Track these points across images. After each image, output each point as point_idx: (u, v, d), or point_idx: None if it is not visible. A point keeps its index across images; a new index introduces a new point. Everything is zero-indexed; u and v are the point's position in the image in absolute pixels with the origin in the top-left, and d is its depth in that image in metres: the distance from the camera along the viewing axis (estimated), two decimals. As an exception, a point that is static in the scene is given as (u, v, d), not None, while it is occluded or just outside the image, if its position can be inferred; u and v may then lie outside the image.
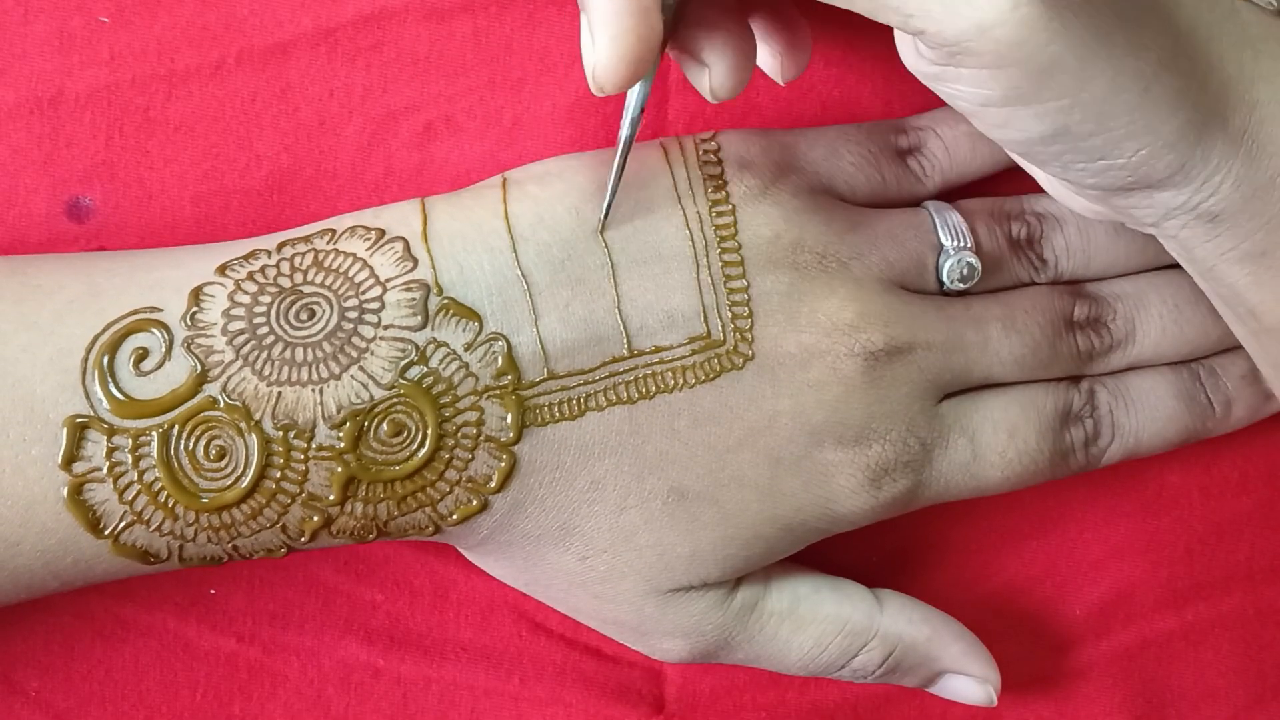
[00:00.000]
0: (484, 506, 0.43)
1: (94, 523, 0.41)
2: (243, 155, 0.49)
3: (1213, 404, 0.49)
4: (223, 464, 0.41)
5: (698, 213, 0.44)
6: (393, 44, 0.50)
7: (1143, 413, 0.48)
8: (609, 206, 0.43)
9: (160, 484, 0.40)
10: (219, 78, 0.49)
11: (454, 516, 0.43)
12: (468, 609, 0.51)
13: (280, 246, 0.43)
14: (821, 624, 0.47)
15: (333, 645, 0.50)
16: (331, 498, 0.41)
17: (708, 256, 0.43)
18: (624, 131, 0.42)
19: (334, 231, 0.43)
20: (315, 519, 0.42)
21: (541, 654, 0.51)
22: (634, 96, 0.41)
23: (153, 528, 0.41)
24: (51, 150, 0.48)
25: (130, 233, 0.49)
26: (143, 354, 0.41)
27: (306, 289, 0.42)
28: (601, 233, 0.43)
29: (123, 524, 0.41)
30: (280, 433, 0.41)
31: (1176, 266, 0.47)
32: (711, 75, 0.40)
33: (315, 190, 0.50)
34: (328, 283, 0.42)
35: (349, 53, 0.50)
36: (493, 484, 0.42)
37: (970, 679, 0.49)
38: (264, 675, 0.50)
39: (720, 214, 0.44)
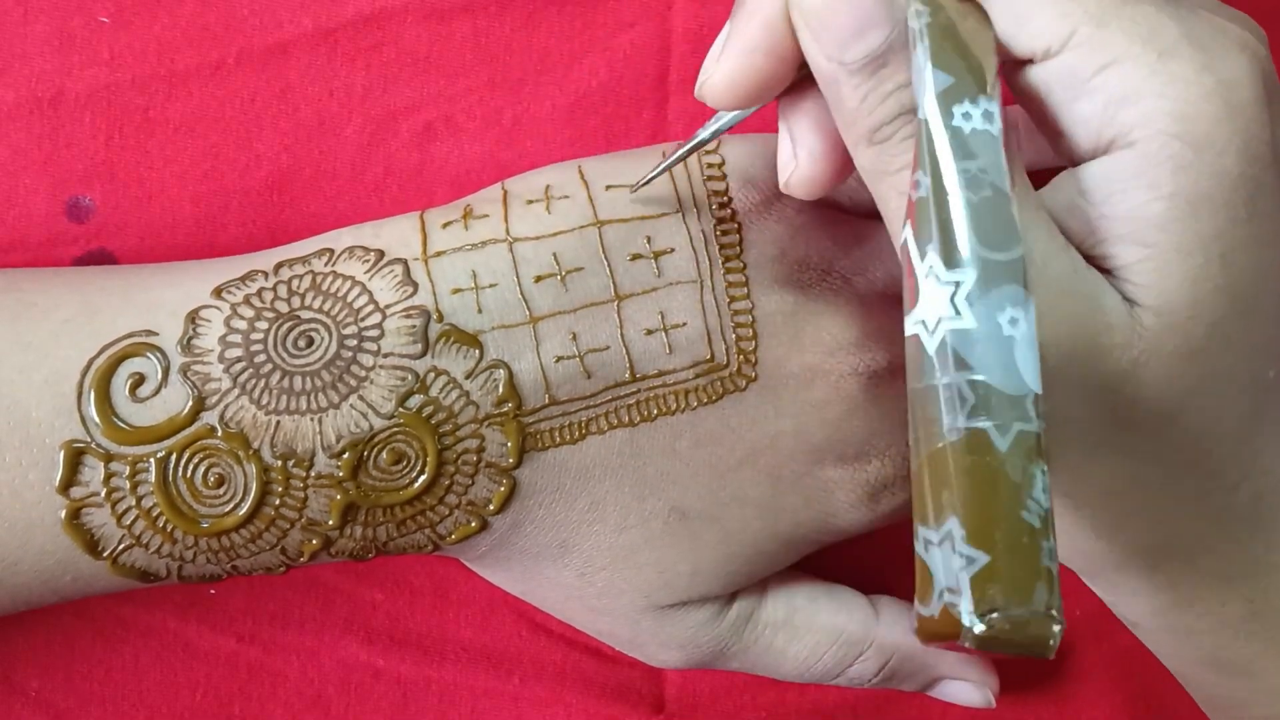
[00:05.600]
0: (483, 527, 0.43)
1: (92, 545, 0.40)
2: (243, 155, 0.49)
3: None
4: (221, 491, 0.40)
5: (702, 231, 0.43)
6: (393, 44, 0.50)
7: None
8: (648, 180, 0.43)
9: (158, 510, 0.40)
10: (219, 78, 0.49)
11: (452, 536, 0.43)
12: (468, 609, 0.51)
13: (277, 268, 0.42)
14: (817, 634, 0.46)
15: (333, 645, 0.50)
16: (330, 523, 0.41)
17: (712, 277, 0.43)
18: (700, 134, 0.42)
19: (332, 251, 0.43)
20: (314, 542, 0.42)
21: (541, 654, 0.51)
22: (727, 115, 0.41)
23: (151, 550, 0.41)
24: (51, 150, 0.48)
25: (130, 233, 0.49)
26: (139, 380, 0.40)
27: (304, 314, 0.41)
28: (632, 191, 0.43)
29: (121, 546, 0.41)
30: (279, 461, 0.40)
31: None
32: (798, 157, 0.38)
33: (315, 190, 0.50)
34: (326, 308, 0.41)
35: (349, 53, 0.50)
36: (492, 507, 0.42)
37: (968, 684, 0.49)
38: (264, 675, 0.50)
39: (725, 233, 0.43)
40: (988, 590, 0.28)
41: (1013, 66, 0.35)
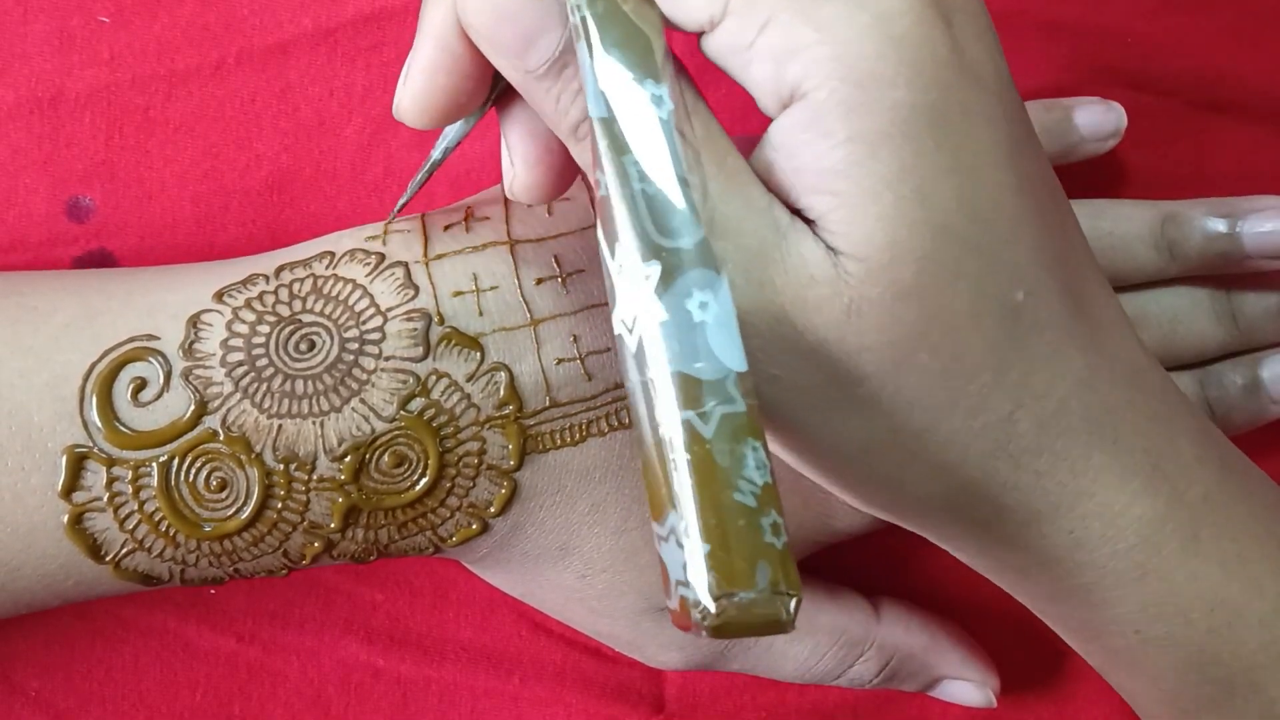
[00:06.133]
0: (484, 529, 0.43)
1: (95, 549, 0.40)
2: (243, 155, 0.49)
3: (1213, 411, 0.48)
4: (223, 495, 0.40)
5: None
6: (393, 44, 0.50)
7: None
8: (395, 213, 0.44)
9: (161, 514, 0.40)
10: (219, 78, 0.49)
11: (454, 539, 0.43)
12: (468, 609, 0.51)
13: (278, 271, 0.42)
14: (817, 634, 0.46)
15: (333, 645, 0.50)
16: (333, 526, 0.41)
17: None
18: (433, 155, 0.42)
19: (333, 254, 0.43)
20: (316, 544, 0.42)
21: (541, 654, 0.51)
22: (450, 132, 0.41)
23: (154, 554, 0.41)
24: (51, 150, 0.48)
25: (130, 233, 0.49)
26: (141, 384, 0.40)
27: (306, 318, 0.41)
28: (387, 224, 0.44)
29: (124, 551, 0.41)
30: (281, 465, 0.40)
31: (1172, 282, 0.47)
32: (514, 165, 0.38)
33: (315, 190, 0.50)
34: (327, 311, 0.41)
35: (349, 53, 0.50)
36: (493, 509, 0.42)
37: (969, 683, 0.49)
38: (264, 675, 0.50)
39: None
40: (710, 579, 0.28)
41: (694, 36, 0.34)
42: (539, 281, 0.42)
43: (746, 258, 0.33)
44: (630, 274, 0.30)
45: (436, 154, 0.41)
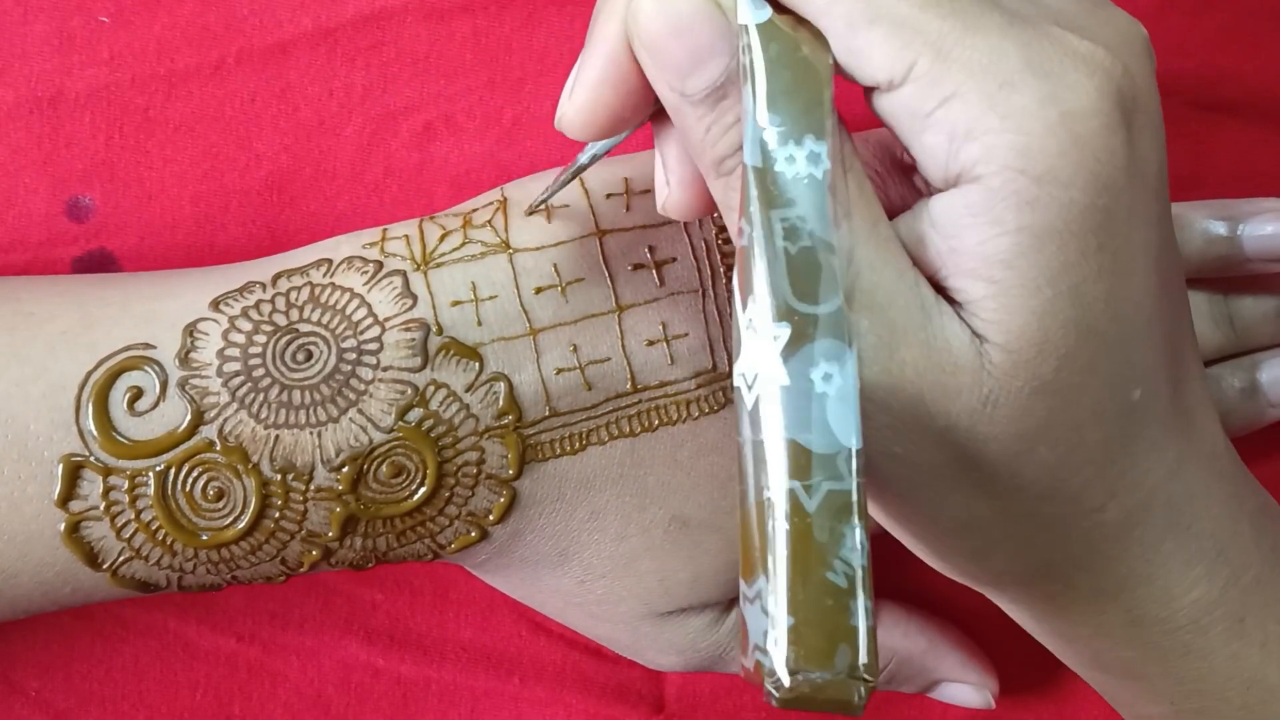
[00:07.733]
0: (483, 536, 0.43)
1: (92, 557, 0.40)
2: (243, 155, 0.49)
3: None
4: (221, 504, 0.40)
5: (704, 240, 0.43)
6: (393, 44, 0.50)
7: None
8: (539, 204, 0.43)
9: (158, 523, 0.40)
10: (219, 78, 0.49)
11: (452, 546, 0.43)
12: (468, 609, 0.51)
13: (275, 279, 0.42)
14: None
15: (333, 645, 0.50)
16: (330, 535, 0.41)
17: (714, 287, 0.43)
18: (580, 159, 0.41)
19: (330, 262, 0.42)
20: (314, 553, 0.42)
21: (541, 654, 0.51)
22: (599, 144, 0.40)
23: (151, 562, 0.41)
24: (51, 150, 0.48)
25: (130, 232, 0.49)
26: (137, 393, 0.40)
27: (303, 328, 0.41)
28: (528, 213, 0.43)
29: (121, 559, 0.41)
30: (278, 475, 0.40)
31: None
32: (669, 184, 0.37)
33: (315, 190, 0.50)
34: (324, 321, 0.41)
35: (349, 53, 0.49)
36: (492, 517, 0.42)
37: (968, 686, 0.49)
38: (264, 675, 0.50)
39: (727, 241, 0.43)
40: (789, 653, 0.28)
41: (865, 90, 0.34)
42: (538, 290, 0.42)
43: (890, 332, 0.33)
44: (759, 331, 0.30)
45: (584, 159, 0.41)
